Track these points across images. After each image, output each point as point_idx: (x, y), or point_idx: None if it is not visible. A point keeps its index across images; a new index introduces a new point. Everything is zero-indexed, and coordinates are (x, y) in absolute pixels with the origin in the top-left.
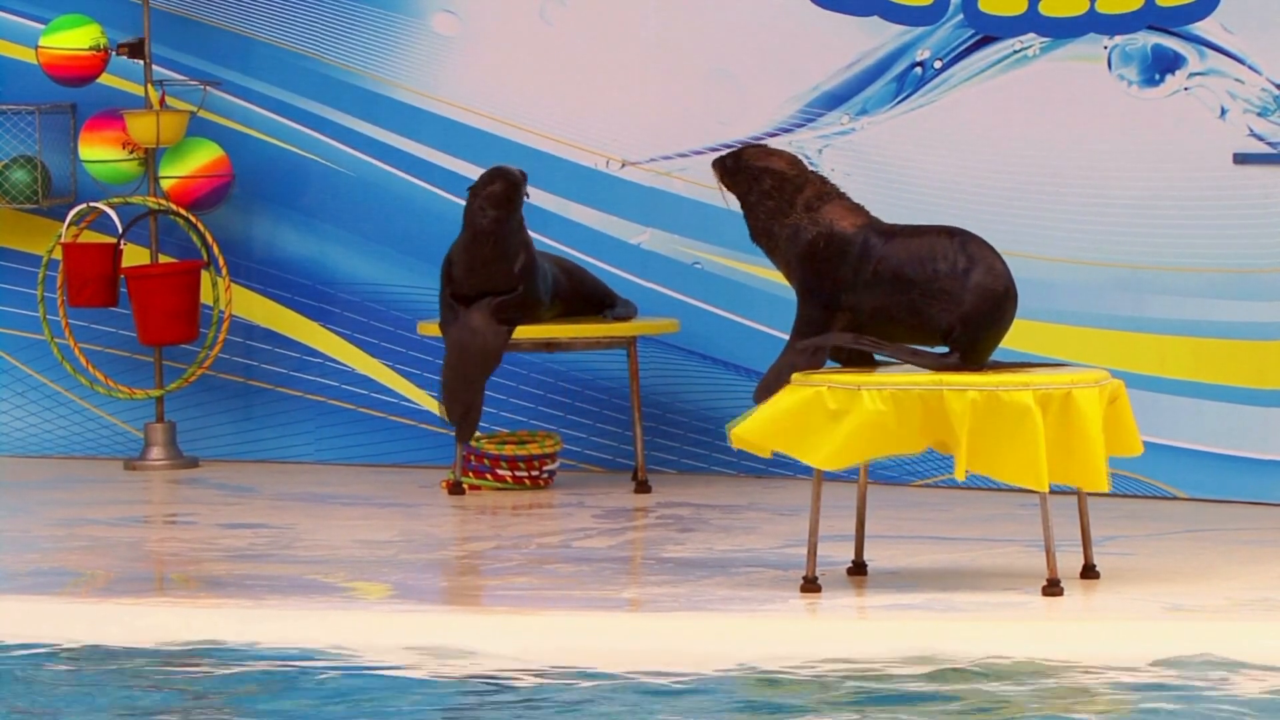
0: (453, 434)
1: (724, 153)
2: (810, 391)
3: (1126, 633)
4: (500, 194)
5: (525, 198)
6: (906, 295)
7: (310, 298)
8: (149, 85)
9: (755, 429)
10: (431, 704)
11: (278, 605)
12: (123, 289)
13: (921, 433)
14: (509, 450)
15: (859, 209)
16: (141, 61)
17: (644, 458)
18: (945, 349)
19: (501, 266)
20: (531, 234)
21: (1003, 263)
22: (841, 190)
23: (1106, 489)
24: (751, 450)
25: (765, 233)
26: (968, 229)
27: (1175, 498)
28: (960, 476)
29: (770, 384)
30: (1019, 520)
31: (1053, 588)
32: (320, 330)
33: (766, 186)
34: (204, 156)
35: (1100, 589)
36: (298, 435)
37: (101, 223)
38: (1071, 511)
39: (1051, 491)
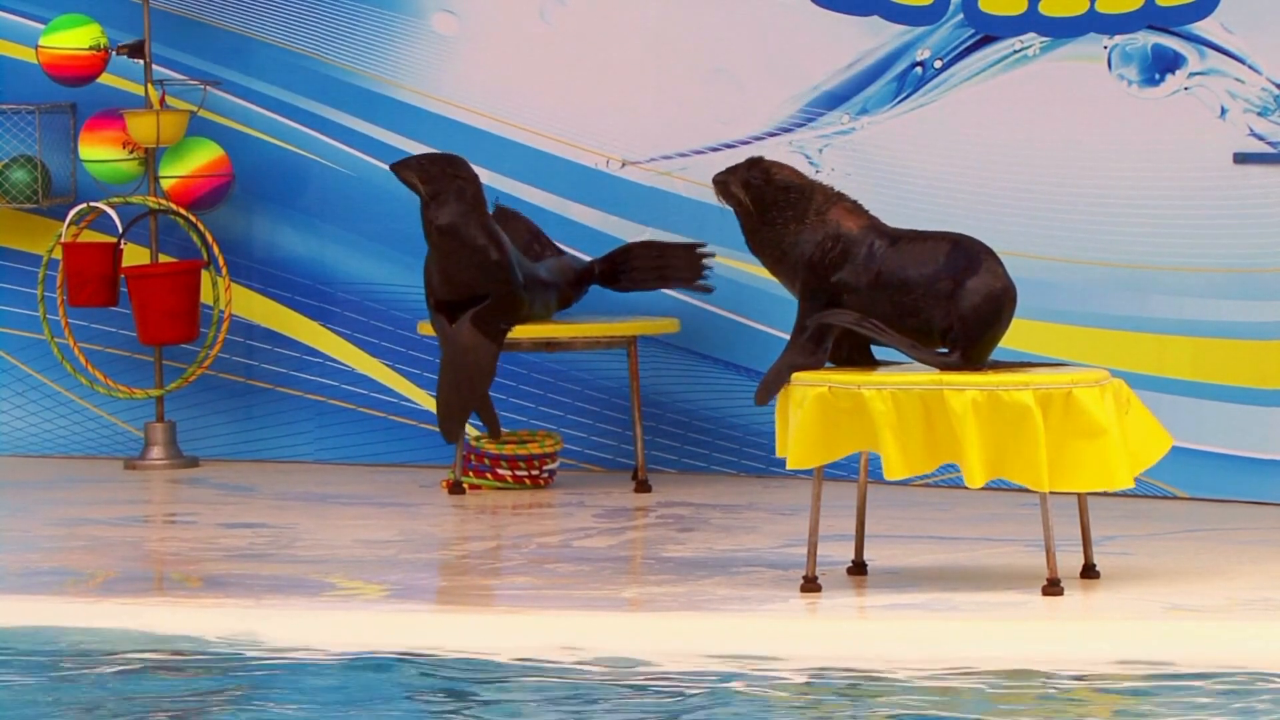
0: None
1: (737, 169)
2: (817, 393)
3: (1126, 633)
4: (424, 191)
5: (451, 178)
6: (908, 297)
7: (310, 298)
8: (149, 85)
9: (802, 452)
10: (431, 703)
11: (278, 605)
12: (123, 289)
13: (926, 437)
14: (509, 450)
15: (860, 209)
16: (141, 61)
17: (644, 457)
18: (944, 349)
19: (474, 259)
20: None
21: (1003, 266)
22: (841, 191)
23: (1129, 484)
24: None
25: (774, 243)
26: (969, 233)
27: (1175, 498)
28: (974, 484)
29: (770, 383)
30: (1019, 520)
31: (1053, 588)
32: (320, 330)
33: (791, 199)
34: (204, 156)
35: (1100, 589)
36: (298, 435)
37: (101, 222)
38: (1071, 511)
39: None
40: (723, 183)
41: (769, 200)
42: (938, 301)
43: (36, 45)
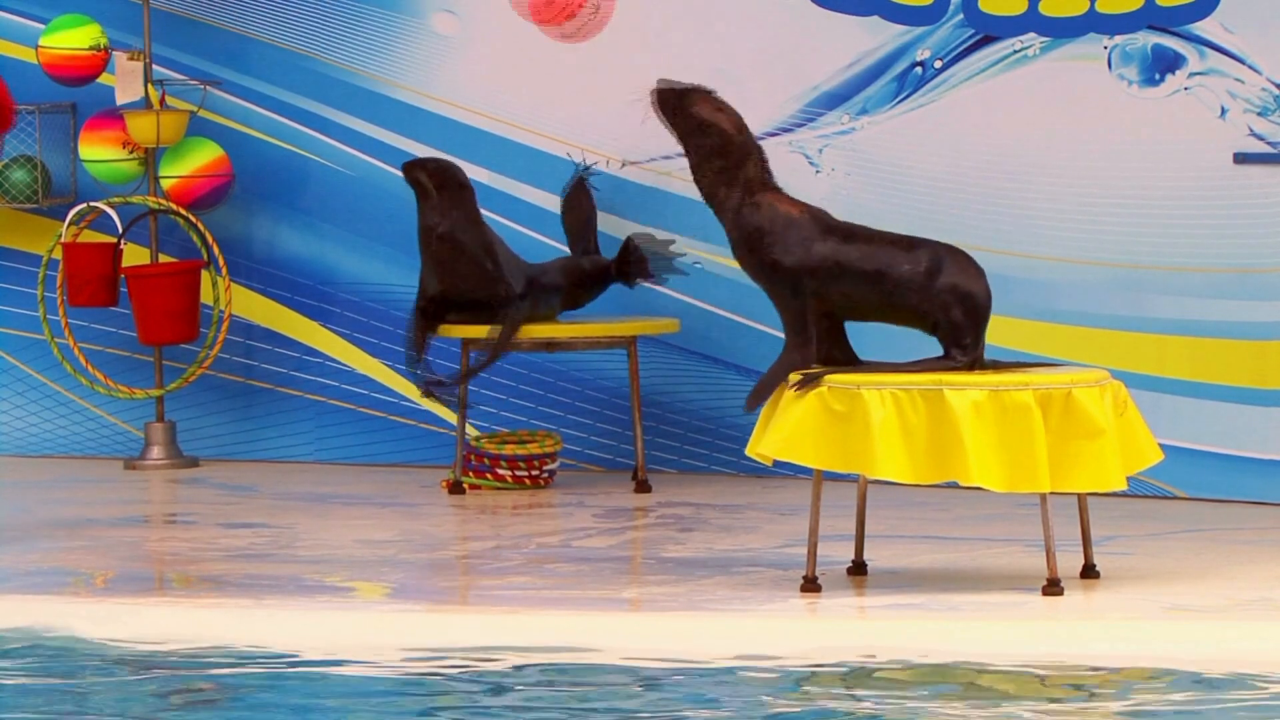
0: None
1: (668, 86)
2: (815, 396)
3: (1126, 633)
4: (414, 190)
5: (459, 188)
6: (879, 287)
7: (310, 298)
8: (149, 85)
9: (784, 444)
10: (431, 704)
11: (278, 605)
12: (123, 289)
13: (928, 438)
14: (509, 450)
15: (797, 202)
16: (141, 61)
17: (644, 457)
18: (936, 344)
19: (468, 269)
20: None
21: (965, 256)
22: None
23: (1123, 486)
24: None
25: (710, 195)
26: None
27: (1175, 498)
28: (971, 483)
29: (762, 390)
30: (1019, 520)
31: (1053, 588)
32: (320, 330)
33: (712, 143)
34: (204, 156)
35: (1100, 589)
36: (298, 435)
37: (101, 223)
38: (1071, 511)
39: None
40: (656, 93)
41: (687, 132)
42: (914, 291)
43: (36, 45)
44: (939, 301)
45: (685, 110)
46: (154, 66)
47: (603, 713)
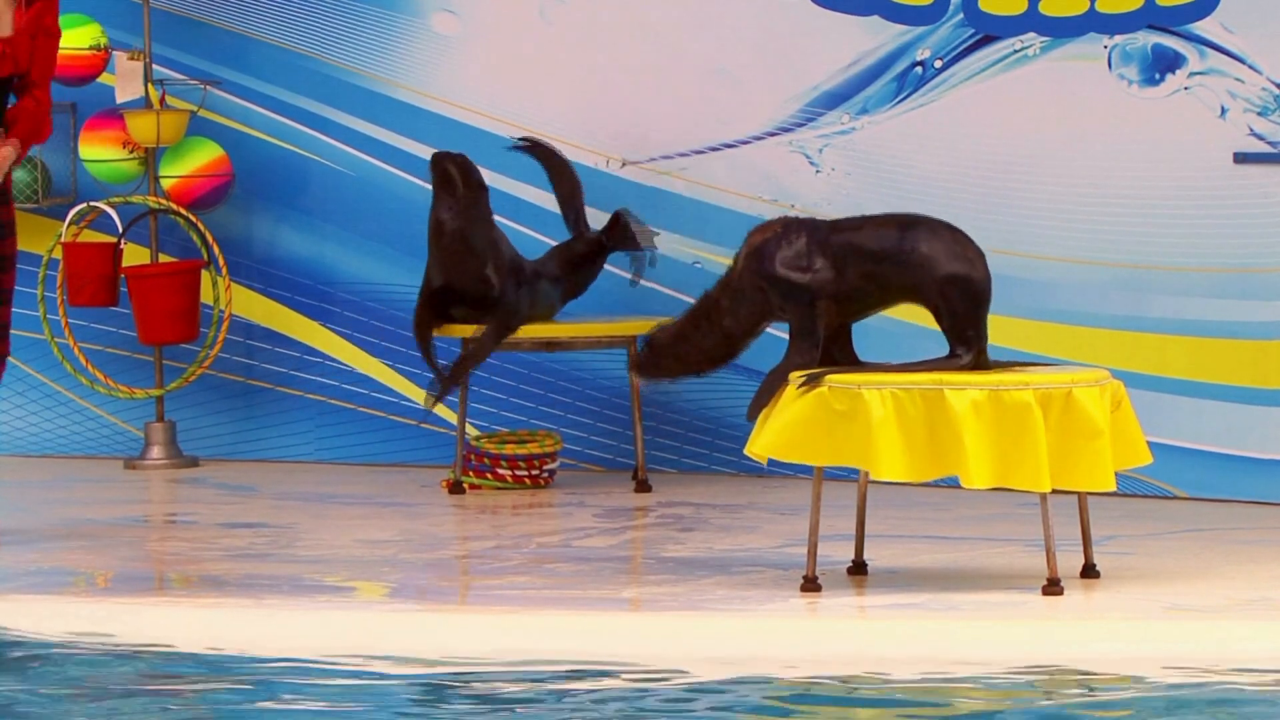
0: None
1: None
2: (814, 395)
3: (1126, 633)
4: (436, 180)
5: (478, 187)
6: (877, 265)
7: (310, 298)
8: (149, 85)
9: (782, 443)
10: (431, 704)
11: (278, 605)
12: (123, 289)
13: (928, 437)
14: (509, 450)
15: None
16: (141, 61)
17: (644, 457)
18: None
19: (472, 270)
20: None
21: (958, 239)
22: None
23: (1113, 487)
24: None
25: (733, 335)
26: (970, 233)
27: (1175, 498)
28: (970, 485)
29: (763, 397)
30: (1019, 520)
31: (1053, 587)
32: (320, 330)
33: (701, 339)
34: (204, 156)
35: (1100, 589)
36: (298, 435)
37: (101, 222)
38: (1071, 511)
39: (1051, 491)
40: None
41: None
42: (911, 269)
43: None
44: (937, 291)
45: (662, 362)
46: (154, 66)
47: (602, 713)
